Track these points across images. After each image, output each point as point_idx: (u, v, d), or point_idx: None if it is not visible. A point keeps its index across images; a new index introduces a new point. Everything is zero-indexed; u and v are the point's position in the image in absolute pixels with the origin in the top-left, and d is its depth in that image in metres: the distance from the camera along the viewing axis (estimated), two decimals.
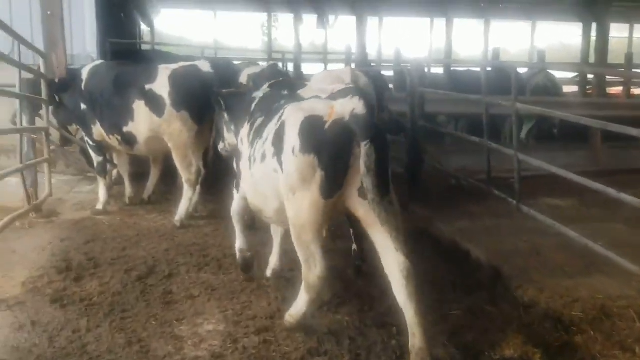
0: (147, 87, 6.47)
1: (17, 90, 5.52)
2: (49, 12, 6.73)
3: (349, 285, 4.79)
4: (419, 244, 5.44)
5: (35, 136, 6.82)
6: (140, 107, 6.51)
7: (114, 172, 7.82)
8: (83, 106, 6.84)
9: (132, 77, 6.60)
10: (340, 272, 4.96)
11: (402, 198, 7.49)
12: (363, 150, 3.18)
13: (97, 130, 6.89)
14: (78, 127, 7.33)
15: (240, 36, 24.32)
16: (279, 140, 3.52)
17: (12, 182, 6.94)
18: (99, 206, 7.11)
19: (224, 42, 21.37)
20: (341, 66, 16.20)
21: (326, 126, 3.30)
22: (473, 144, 7.26)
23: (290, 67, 15.39)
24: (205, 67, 6.68)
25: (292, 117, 3.48)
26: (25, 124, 6.73)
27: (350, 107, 3.29)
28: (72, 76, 6.99)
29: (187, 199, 6.71)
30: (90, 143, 7.08)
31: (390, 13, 21.30)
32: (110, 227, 6.60)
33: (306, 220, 3.43)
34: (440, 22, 22.73)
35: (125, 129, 6.65)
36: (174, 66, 6.64)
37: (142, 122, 6.54)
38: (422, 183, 7.94)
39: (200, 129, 6.62)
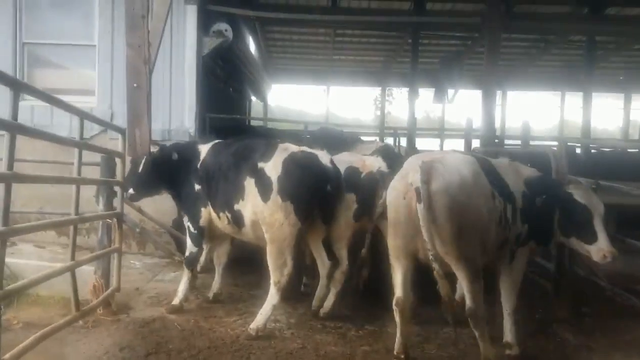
0: (260, 165, 5.64)
1: (74, 172, 4.68)
2: (135, 85, 6.08)
3: None
4: None
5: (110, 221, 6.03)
6: (250, 186, 5.67)
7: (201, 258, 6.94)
8: (197, 187, 6.12)
9: (248, 151, 5.82)
10: None
11: (544, 316, 5.87)
12: None
13: (207, 213, 6.14)
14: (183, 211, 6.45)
15: (352, 109, 23.88)
16: None
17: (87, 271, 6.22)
18: (176, 301, 6.20)
19: (337, 114, 20.90)
20: (459, 143, 14.91)
21: None
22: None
23: (404, 142, 14.38)
24: (325, 159, 5.76)
25: None
26: (102, 207, 5.99)
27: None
28: (183, 154, 6.31)
29: (271, 305, 5.56)
30: (192, 230, 6.26)
31: (518, 87, 19.82)
32: (180, 334, 5.54)
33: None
34: (571, 96, 20.85)
35: (235, 207, 5.81)
36: (293, 148, 5.74)
37: (250, 202, 5.69)
38: (568, 297, 6.16)
39: (305, 227, 5.69)
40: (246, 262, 7.29)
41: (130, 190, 6.30)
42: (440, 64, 16.15)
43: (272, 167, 5.56)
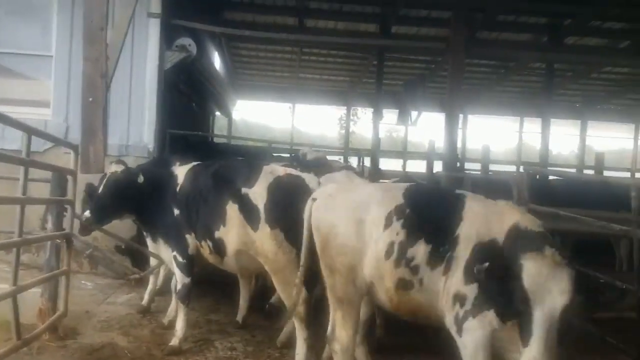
0: (244, 190, 5.21)
1: (20, 191, 4.41)
2: (90, 99, 5.83)
3: None
4: None
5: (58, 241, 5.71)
6: (233, 211, 5.26)
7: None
8: (176, 211, 5.70)
9: (231, 173, 5.42)
10: None
11: None
12: None
13: (192, 240, 5.69)
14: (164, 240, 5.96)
15: (317, 125, 23.92)
16: None
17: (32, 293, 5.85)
18: (175, 342, 5.58)
19: (302, 130, 20.87)
20: (422, 164, 15.05)
21: None
22: None
23: (367, 161, 14.39)
24: (312, 182, 5.27)
25: None
26: (51, 226, 5.69)
27: None
28: (154, 177, 5.93)
29: (302, 340, 5.07)
30: (180, 259, 5.75)
31: (479, 111, 20.20)
32: None
33: None
34: (529, 122, 21.38)
35: (216, 234, 5.40)
36: (279, 171, 5.33)
37: (233, 230, 5.28)
38: None
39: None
40: (204, 284, 7.00)
41: (86, 214, 5.91)
42: (404, 86, 16.32)
43: (258, 193, 5.18)
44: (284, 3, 12.95)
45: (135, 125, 8.50)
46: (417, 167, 16.20)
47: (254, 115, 24.84)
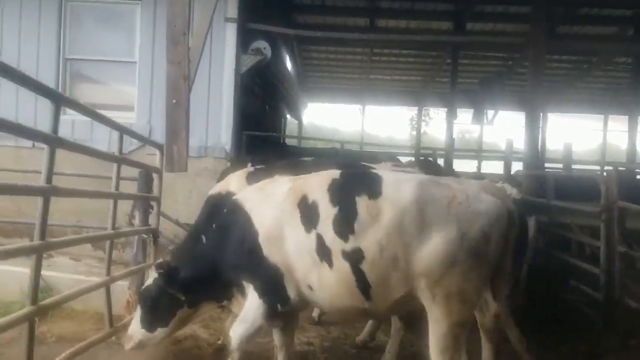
0: None
1: (113, 186, 4.65)
2: (174, 101, 6.07)
3: None
4: None
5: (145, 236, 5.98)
6: None
7: None
8: None
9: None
10: None
11: (592, 349, 5.51)
12: None
13: None
14: None
15: (386, 127, 23.69)
16: None
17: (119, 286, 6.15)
18: None
19: (370, 132, 20.75)
20: (497, 164, 14.51)
21: None
22: None
23: (441, 162, 14.13)
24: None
25: None
26: (138, 222, 5.96)
27: None
28: None
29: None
30: None
31: (560, 109, 19.33)
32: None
33: None
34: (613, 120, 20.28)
35: None
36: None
37: None
38: (618, 328, 5.80)
39: None
40: None
41: None
42: (480, 84, 15.88)
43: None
44: (355, 4, 12.94)
45: (213, 127, 8.78)
46: (492, 168, 15.71)
47: (322, 118, 24.95)
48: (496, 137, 22.14)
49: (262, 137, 10.61)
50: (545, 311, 6.52)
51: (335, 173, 3.97)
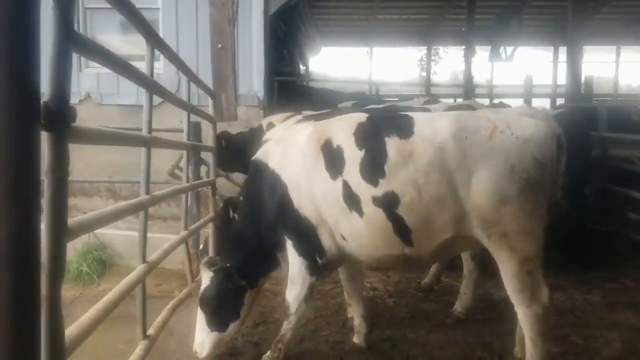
0: None
1: (184, 137, 4.43)
2: (219, 46, 5.75)
3: None
4: None
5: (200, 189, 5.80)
6: None
7: None
8: None
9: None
10: None
11: None
12: None
13: None
14: None
15: (395, 74, 23.20)
16: None
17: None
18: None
19: (379, 78, 20.29)
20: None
21: None
22: None
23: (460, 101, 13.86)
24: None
25: None
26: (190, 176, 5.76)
27: None
28: None
29: None
30: None
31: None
32: (281, 303, 5.29)
33: None
34: None
35: None
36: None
37: None
38: None
39: None
40: None
41: None
42: (496, 19, 15.39)
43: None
44: None
45: (244, 74, 8.40)
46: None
47: (330, 68, 24.30)
48: (507, 77, 21.57)
49: (291, 83, 10.24)
50: (603, 247, 6.47)
51: (361, 116, 3.71)
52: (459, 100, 14.21)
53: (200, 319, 3.83)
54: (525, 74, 12.77)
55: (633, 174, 6.35)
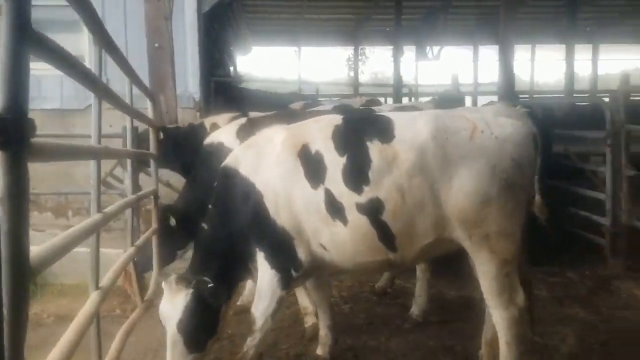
0: None
1: (128, 144, 4.06)
2: (156, 45, 5.37)
3: None
4: None
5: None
6: None
7: None
8: None
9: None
10: None
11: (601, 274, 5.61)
12: None
13: None
14: None
15: (323, 71, 23.19)
16: None
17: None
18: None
19: (308, 78, 20.20)
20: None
21: None
22: None
23: (390, 101, 14.01)
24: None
25: None
26: (128, 183, 5.36)
27: None
28: None
29: None
30: None
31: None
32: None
33: None
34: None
35: None
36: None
37: None
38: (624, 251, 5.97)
39: None
40: None
41: None
42: (422, 20, 15.67)
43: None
44: None
45: (178, 75, 7.76)
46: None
47: (257, 69, 23.89)
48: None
49: (226, 84, 9.86)
50: (550, 240, 6.64)
51: (335, 118, 3.57)
52: (390, 100, 14.43)
53: (174, 343, 3.35)
54: (451, 73, 13.15)
55: (572, 169, 6.59)
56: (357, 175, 3.23)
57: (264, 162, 3.50)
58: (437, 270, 5.12)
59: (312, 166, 3.34)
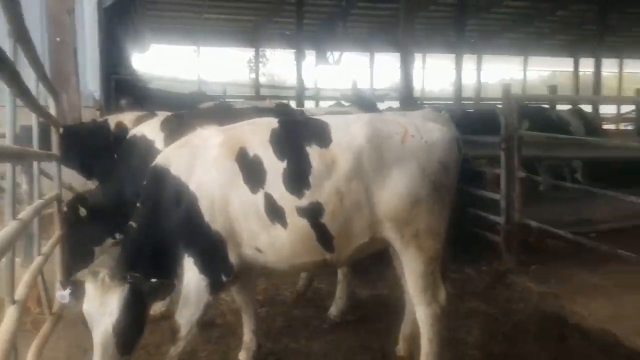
0: None
1: (34, 144, 3.75)
2: (58, 39, 5.03)
3: None
4: None
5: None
6: None
7: None
8: None
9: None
10: None
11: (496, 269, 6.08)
12: None
13: None
14: None
15: (225, 72, 22.77)
16: None
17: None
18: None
19: (208, 78, 19.77)
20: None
21: None
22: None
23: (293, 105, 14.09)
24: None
25: None
26: (26, 187, 4.96)
27: None
28: None
29: None
30: None
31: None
32: None
33: None
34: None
35: None
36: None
37: None
38: (516, 247, 6.46)
39: None
40: None
41: None
42: (320, 26, 15.95)
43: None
44: None
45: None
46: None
47: (157, 68, 22.97)
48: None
49: (128, 82, 9.37)
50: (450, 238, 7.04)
51: (271, 121, 3.59)
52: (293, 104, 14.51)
53: (106, 345, 2.99)
54: (351, 79, 13.54)
55: (472, 172, 7.04)
56: (298, 179, 3.27)
57: (199, 163, 3.41)
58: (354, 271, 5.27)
59: (251, 171, 3.33)
